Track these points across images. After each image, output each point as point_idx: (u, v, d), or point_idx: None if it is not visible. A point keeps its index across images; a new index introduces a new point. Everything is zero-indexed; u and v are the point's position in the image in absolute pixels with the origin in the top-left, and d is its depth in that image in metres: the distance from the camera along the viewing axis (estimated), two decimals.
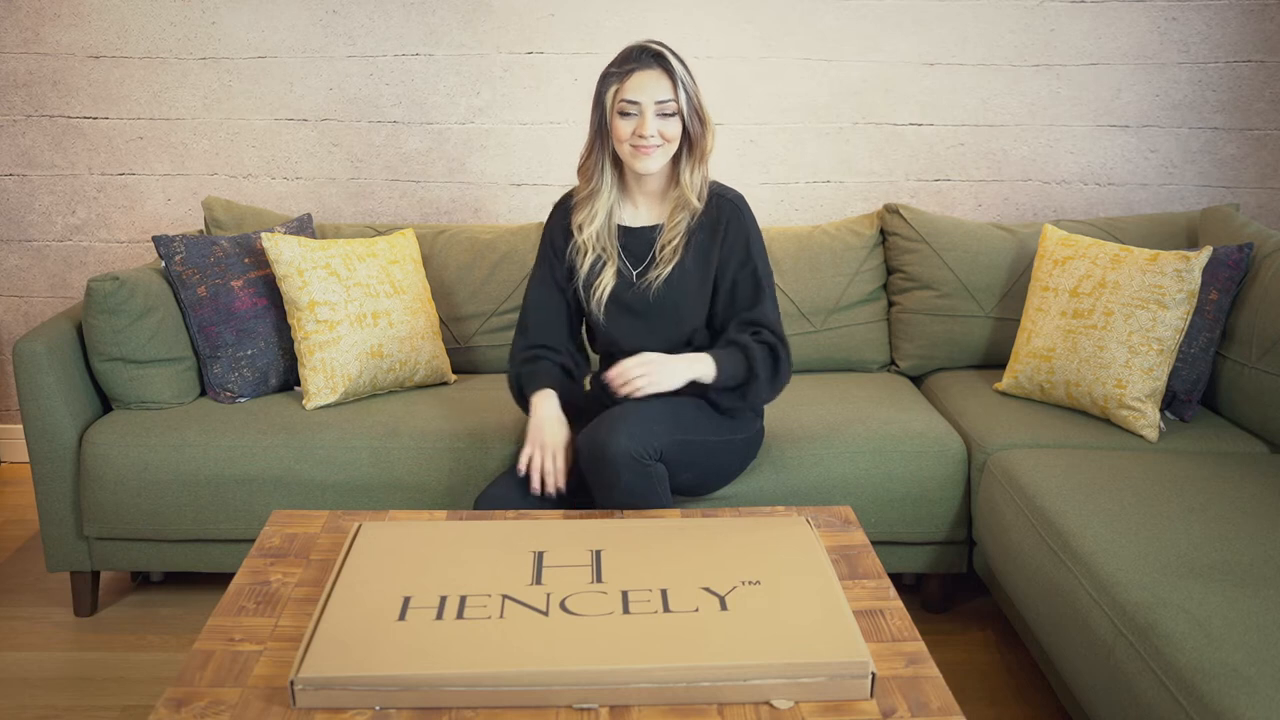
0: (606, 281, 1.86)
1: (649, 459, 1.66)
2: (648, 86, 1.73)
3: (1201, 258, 2.10)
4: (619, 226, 1.88)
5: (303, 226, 2.46)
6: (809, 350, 2.54)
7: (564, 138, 2.81)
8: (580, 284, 1.88)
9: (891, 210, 2.61)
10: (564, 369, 1.90)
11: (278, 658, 1.22)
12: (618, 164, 1.84)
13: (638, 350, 1.88)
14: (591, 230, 1.84)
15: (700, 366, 1.75)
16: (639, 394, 1.69)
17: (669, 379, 1.72)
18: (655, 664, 1.13)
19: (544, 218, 2.73)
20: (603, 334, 1.92)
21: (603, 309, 1.86)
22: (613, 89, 1.75)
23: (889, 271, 2.62)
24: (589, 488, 1.73)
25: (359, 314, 2.24)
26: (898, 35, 2.76)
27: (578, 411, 1.86)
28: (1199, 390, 2.19)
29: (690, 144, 1.79)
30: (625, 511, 1.61)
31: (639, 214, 1.90)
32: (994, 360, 2.51)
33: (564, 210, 1.92)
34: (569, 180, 2.75)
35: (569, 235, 1.89)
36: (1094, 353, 2.12)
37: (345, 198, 2.85)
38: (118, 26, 2.72)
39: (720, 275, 1.84)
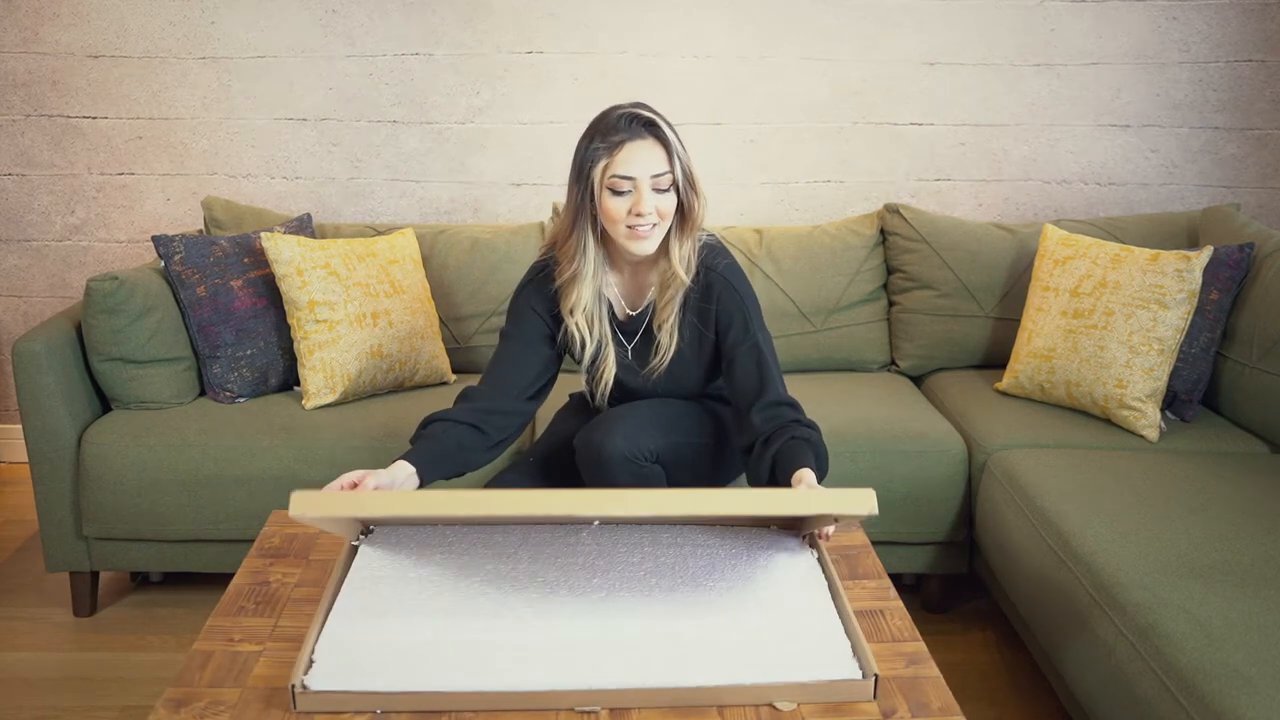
0: (608, 376, 1.76)
1: (644, 460, 1.65)
2: (641, 160, 1.56)
3: (1202, 258, 2.09)
4: (610, 314, 1.76)
5: (302, 226, 2.46)
6: (809, 350, 2.54)
7: (564, 137, 2.80)
8: (583, 374, 1.80)
9: (892, 210, 2.61)
10: (479, 430, 1.66)
11: (277, 658, 1.22)
12: (601, 240, 1.69)
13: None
14: (581, 313, 1.70)
15: (813, 476, 1.54)
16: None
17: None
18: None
19: (544, 217, 2.75)
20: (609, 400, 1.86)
21: (607, 400, 1.80)
22: (601, 164, 1.57)
23: (889, 271, 2.62)
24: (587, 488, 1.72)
25: (358, 314, 2.24)
26: (898, 35, 2.75)
27: (481, 465, 1.71)
28: (1200, 390, 2.18)
29: (682, 216, 1.65)
30: (628, 517, 1.61)
31: (626, 284, 1.77)
32: (994, 360, 2.51)
33: (544, 289, 1.74)
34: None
35: (557, 320, 1.74)
36: (1094, 353, 2.12)
37: (345, 197, 2.84)
38: (117, 26, 2.72)
39: (719, 350, 1.73)
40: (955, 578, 2.20)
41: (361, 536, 1.42)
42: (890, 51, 2.77)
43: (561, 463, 1.81)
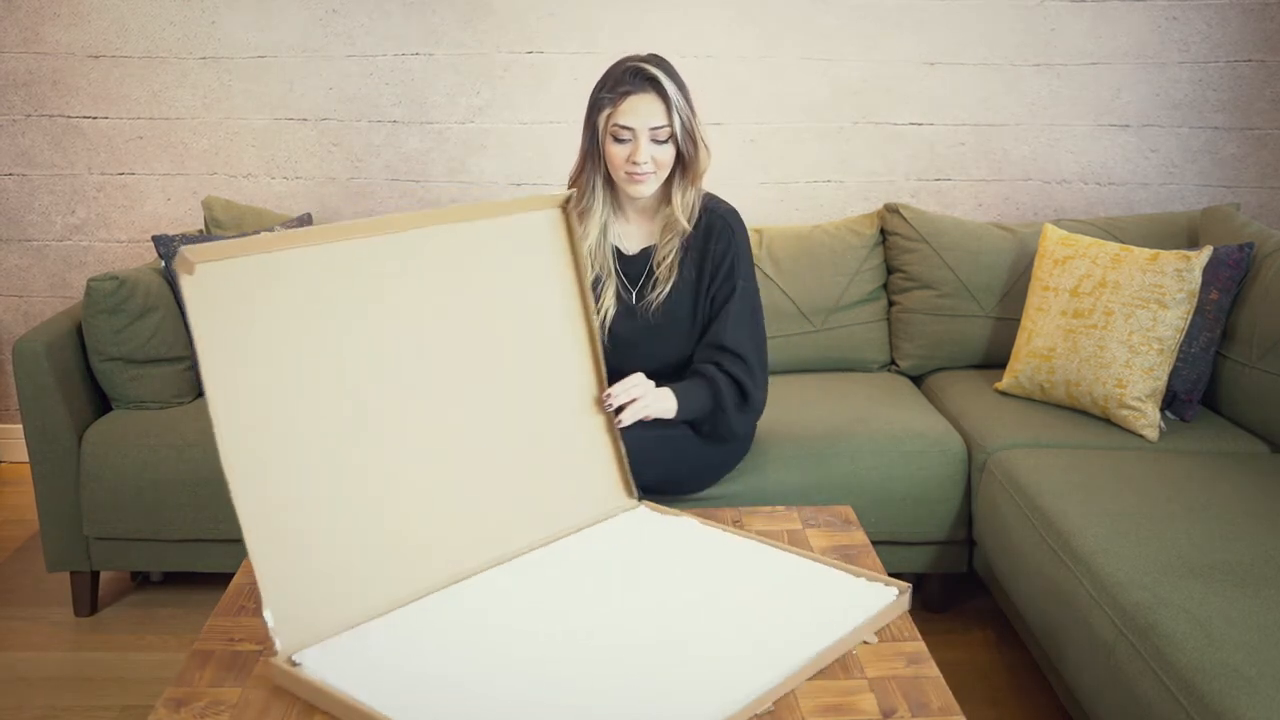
0: (608, 304, 1.83)
1: None
2: (641, 112, 1.69)
3: (1202, 257, 2.09)
4: (615, 249, 1.85)
5: (302, 226, 2.46)
6: (809, 350, 2.54)
7: (564, 137, 2.80)
8: None
9: (891, 210, 2.61)
10: None
11: None
12: (609, 182, 1.81)
13: (637, 367, 1.88)
14: (587, 246, 1.81)
15: (664, 403, 1.70)
16: (636, 415, 1.62)
17: (657, 403, 1.67)
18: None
19: None
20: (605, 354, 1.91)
21: (606, 331, 1.84)
22: (605, 113, 1.71)
23: (889, 271, 2.62)
24: None
25: None
26: (898, 35, 2.75)
27: None
28: (1199, 390, 2.18)
29: (684, 166, 1.75)
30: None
31: (631, 230, 1.87)
32: (994, 360, 2.51)
33: None
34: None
35: None
36: (1094, 352, 2.12)
37: (345, 197, 2.84)
38: (117, 26, 2.72)
39: (705, 291, 1.82)
40: (955, 577, 2.20)
41: None
42: (890, 51, 2.77)
43: None
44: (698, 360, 1.78)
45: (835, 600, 1.30)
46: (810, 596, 1.31)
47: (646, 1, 2.72)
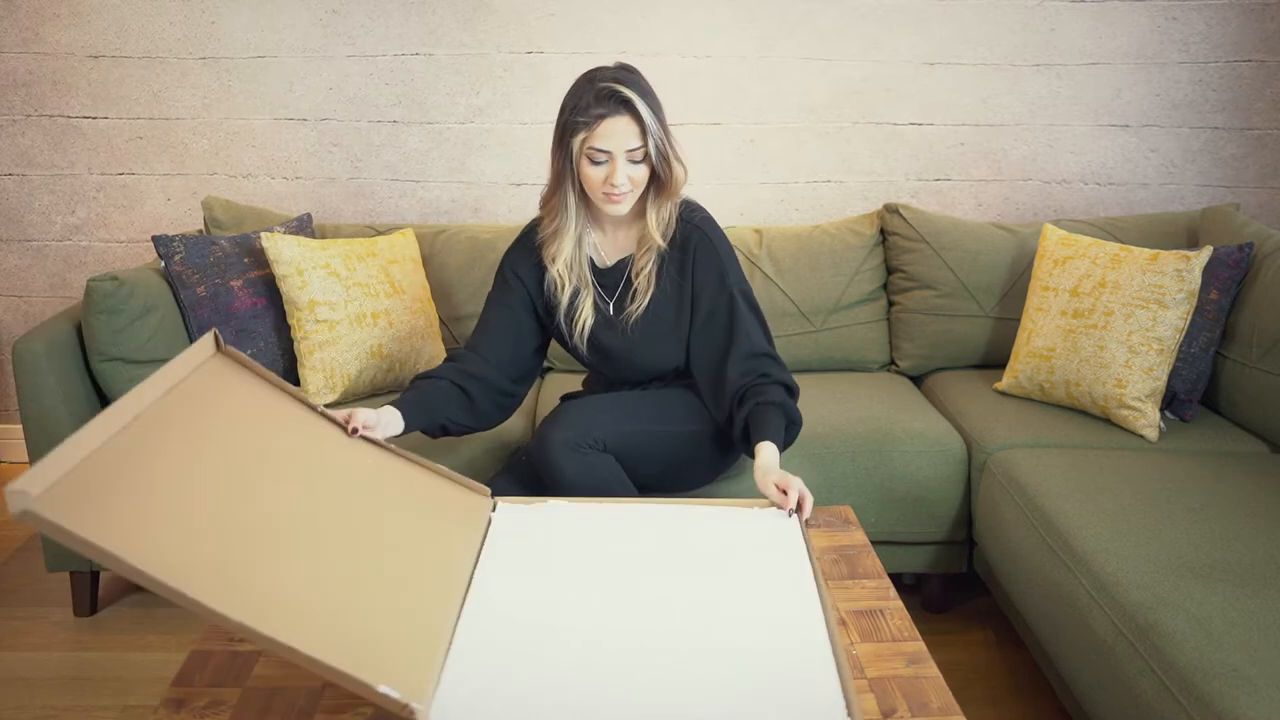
0: (586, 316, 1.82)
1: (588, 447, 1.66)
2: (617, 135, 1.66)
3: (1202, 257, 2.10)
4: (590, 261, 1.84)
5: (302, 226, 2.46)
6: (809, 350, 2.54)
7: None
8: (561, 318, 1.84)
9: (891, 210, 2.61)
10: (464, 391, 1.77)
11: (279, 658, 1.22)
12: (584, 198, 1.78)
13: (621, 376, 1.88)
14: (563, 260, 1.79)
15: (774, 450, 1.63)
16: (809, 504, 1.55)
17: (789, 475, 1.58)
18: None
19: None
20: (586, 363, 1.92)
21: (585, 343, 1.84)
22: (580, 136, 1.68)
23: (889, 271, 2.62)
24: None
25: (358, 314, 2.24)
26: (898, 35, 2.75)
27: (461, 430, 1.80)
28: (1199, 390, 2.18)
29: (659, 184, 1.74)
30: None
31: (606, 242, 1.85)
32: (994, 360, 2.51)
33: (529, 246, 1.85)
34: None
35: (540, 269, 1.84)
36: (1094, 352, 2.12)
37: (345, 197, 2.85)
38: (117, 26, 2.72)
39: (696, 306, 1.80)
40: (955, 577, 2.20)
41: None
42: (890, 51, 2.77)
43: None
44: (741, 375, 1.72)
45: (770, 537, 1.44)
46: (754, 544, 1.41)
47: (646, 2, 2.72)
